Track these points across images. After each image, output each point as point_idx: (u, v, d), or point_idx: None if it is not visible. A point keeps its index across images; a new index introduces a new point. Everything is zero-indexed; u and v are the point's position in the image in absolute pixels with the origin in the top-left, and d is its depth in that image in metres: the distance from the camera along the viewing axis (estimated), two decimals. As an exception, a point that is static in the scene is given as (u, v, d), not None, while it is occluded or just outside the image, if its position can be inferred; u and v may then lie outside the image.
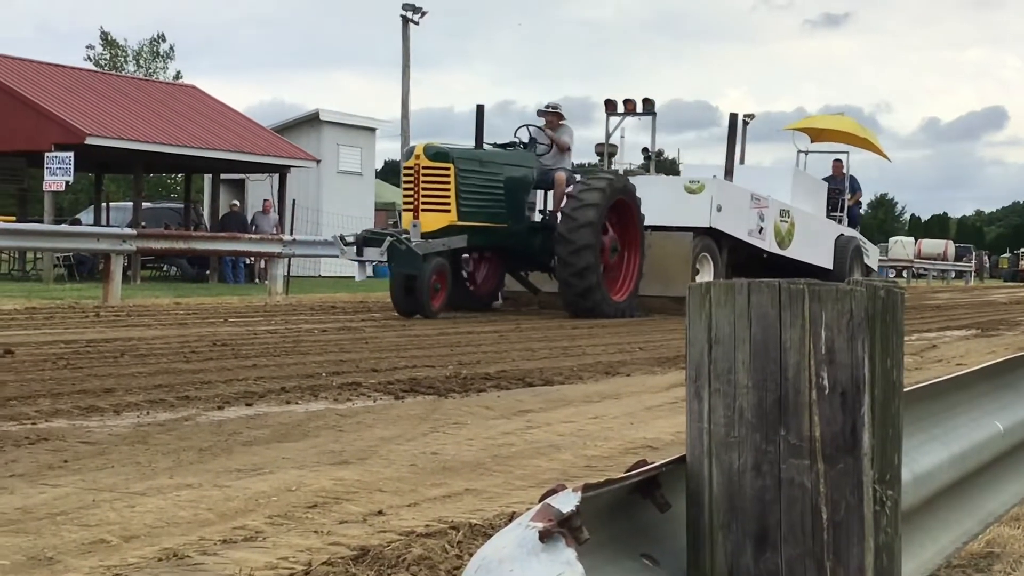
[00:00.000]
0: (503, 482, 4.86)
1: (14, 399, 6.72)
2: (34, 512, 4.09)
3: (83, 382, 7.60)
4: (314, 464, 5.10)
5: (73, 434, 5.68)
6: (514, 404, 7.32)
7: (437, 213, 16.13)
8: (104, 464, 4.98)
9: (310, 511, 4.20)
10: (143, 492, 4.45)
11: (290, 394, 7.32)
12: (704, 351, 1.89)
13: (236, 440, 5.68)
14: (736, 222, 19.64)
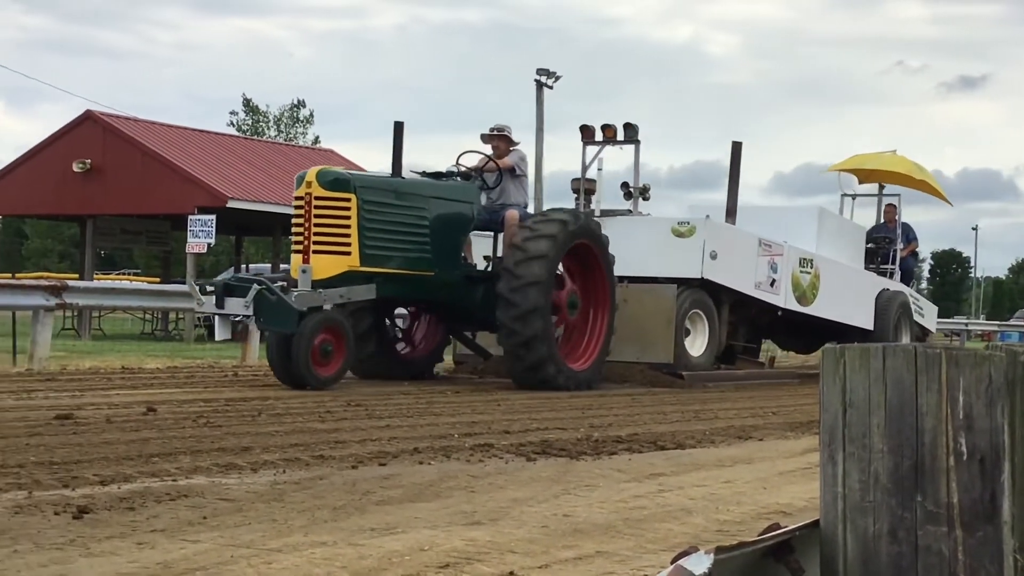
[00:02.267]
0: (634, 545, 4.82)
1: (156, 456, 6.86)
2: (174, 567, 4.15)
3: (222, 440, 7.72)
4: (446, 524, 5.11)
5: (212, 491, 5.76)
6: (646, 467, 7.27)
7: (333, 256, 12.29)
8: (241, 521, 5.05)
9: (442, 571, 4.21)
10: (279, 549, 4.49)
11: (423, 454, 7.36)
12: (838, 415, 1.87)
13: (369, 499, 5.72)
14: (738, 272, 15.96)
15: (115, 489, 5.69)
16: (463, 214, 13.63)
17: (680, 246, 15.23)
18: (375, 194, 12.74)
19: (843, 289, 17.88)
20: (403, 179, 13.44)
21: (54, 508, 5.13)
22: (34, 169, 37.40)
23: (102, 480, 5.94)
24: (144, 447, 7.23)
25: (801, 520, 1.90)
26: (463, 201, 13.68)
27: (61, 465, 6.36)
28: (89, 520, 4.92)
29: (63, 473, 6.09)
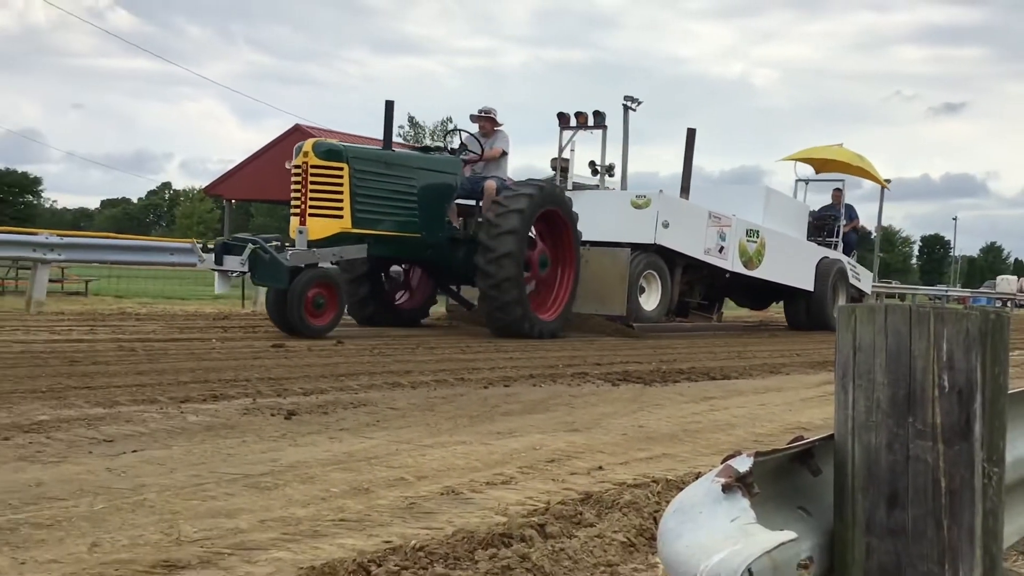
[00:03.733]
0: (691, 449, 4.80)
1: (343, 375, 6.97)
2: (355, 456, 4.22)
3: (390, 365, 7.82)
4: (552, 431, 5.13)
5: (383, 401, 5.84)
6: (700, 392, 7.22)
7: (327, 219, 10.72)
8: (404, 424, 5.11)
9: (549, 465, 4.23)
10: (430, 445, 4.55)
11: (536, 379, 7.38)
12: (850, 356, 1.84)
13: (496, 411, 5.76)
14: (689, 240, 14.35)
15: (314, 399, 5.80)
16: (447, 184, 11.92)
17: (637, 216, 13.77)
18: (366, 164, 11.05)
19: (786, 256, 16.30)
20: (392, 151, 11.63)
21: (271, 411, 5.24)
22: (258, 167, 38.69)
23: (305, 392, 6.05)
24: (335, 369, 7.35)
25: (819, 434, 1.88)
26: (447, 172, 11.97)
27: (276, 380, 6.49)
28: (295, 420, 5.02)
29: (277, 386, 6.22)
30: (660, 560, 1.77)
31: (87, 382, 5.92)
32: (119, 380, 6.09)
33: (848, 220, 18.68)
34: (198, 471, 3.76)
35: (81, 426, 4.53)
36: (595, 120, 14.81)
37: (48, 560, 2.63)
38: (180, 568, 2.62)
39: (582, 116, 14.89)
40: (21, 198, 76.15)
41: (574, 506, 3.44)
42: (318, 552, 2.81)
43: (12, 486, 3.39)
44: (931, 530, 1.75)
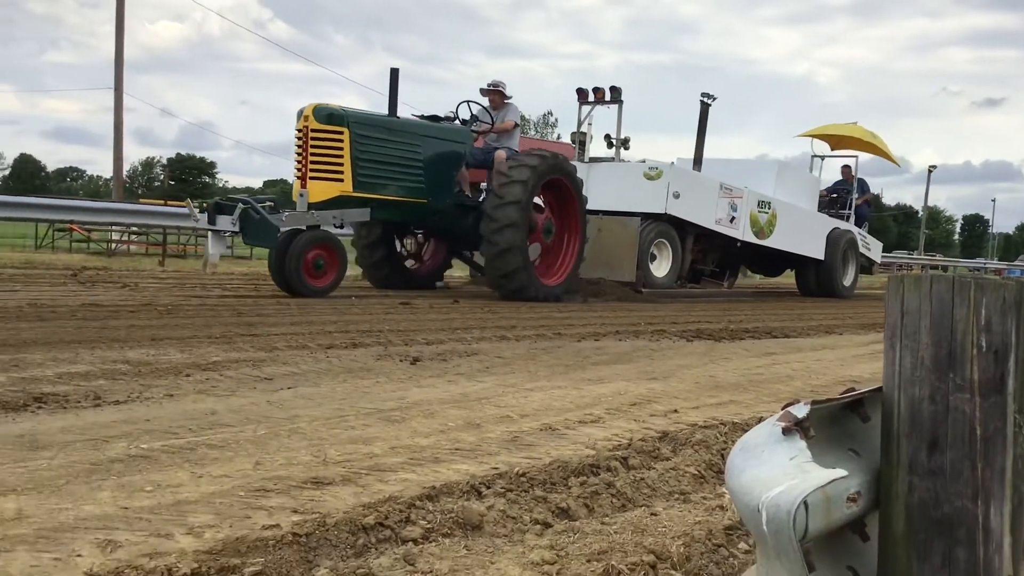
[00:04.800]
0: (755, 397, 4.73)
1: (459, 329, 7.03)
2: (468, 396, 4.26)
3: (497, 320, 7.86)
4: (635, 379, 5.11)
5: (491, 351, 5.88)
6: (763, 348, 7.10)
7: (327, 182, 9.47)
8: (509, 371, 5.14)
9: (632, 407, 4.21)
10: (531, 389, 4.57)
11: (621, 335, 7.34)
12: (898, 319, 1.79)
13: (588, 361, 5.75)
14: (700, 210, 13.02)
15: (435, 348, 5.86)
16: (455, 152, 10.59)
17: (649, 187, 12.51)
18: (367, 128, 9.71)
19: (797, 226, 14.81)
20: (397, 118, 10.22)
21: (399, 357, 5.32)
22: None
23: (427, 342, 6.13)
24: (451, 323, 7.41)
25: (869, 386, 1.83)
26: (455, 141, 10.62)
27: (403, 332, 6.58)
28: (419, 366, 5.09)
29: (405, 337, 6.31)
30: (727, 491, 1.76)
31: (251, 331, 6.09)
32: (277, 330, 6.25)
33: (860, 193, 17.09)
34: (340, 405, 3.85)
35: (247, 366, 4.67)
36: (612, 95, 13.30)
37: (220, 475, 2.72)
38: (326, 484, 2.69)
39: (599, 92, 13.35)
40: (200, 179, 78.87)
41: (653, 443, 3.42)
42: (438, 475, 2.85)
43: (192, 414, 3.51)
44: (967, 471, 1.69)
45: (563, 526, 2.51)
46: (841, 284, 15.76)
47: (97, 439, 3.04)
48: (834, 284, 15.55)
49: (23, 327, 5.52)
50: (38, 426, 3.18)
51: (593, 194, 11.92)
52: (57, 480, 2.57)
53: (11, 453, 2.81)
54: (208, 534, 2.21)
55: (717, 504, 2.77)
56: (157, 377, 4.22)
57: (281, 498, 2.53)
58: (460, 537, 2.36)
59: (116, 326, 5.87)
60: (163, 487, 2.56)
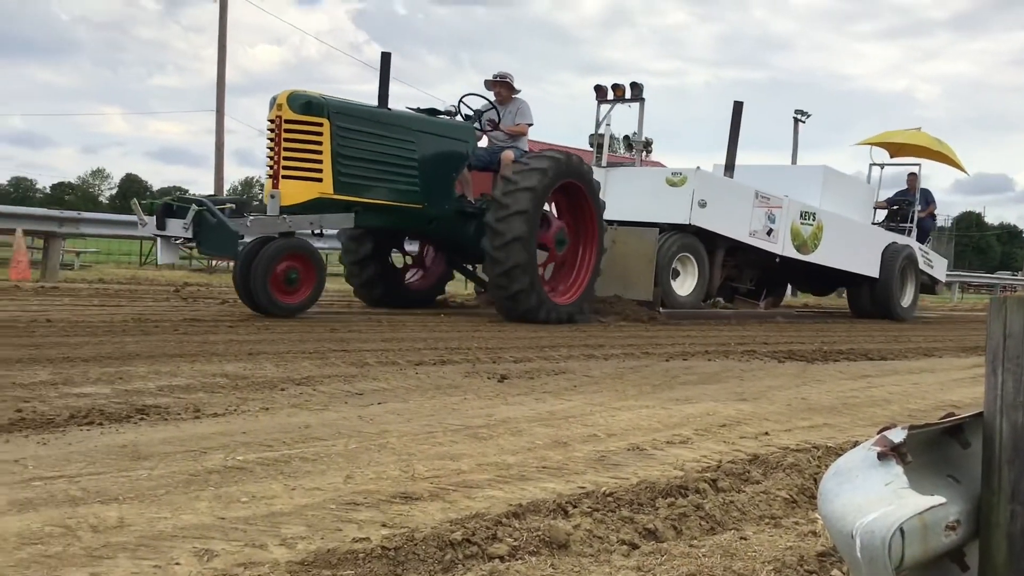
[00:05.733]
0: (849, 421, 4.60)
1: (547, 347, 7.03)
2: (556, 414, 4.25)
3: (586, 340, 7.83)
4: (724, 399, 5.03)
5: (579, 370, 5.86)
6: (859, 370, 6.91)
7: (303, 182, 8.01)
8: (596, 389, 5.11)
9: (721, 429, 4.15)
10: (619, 408, 4.53)
11: (710, 354, 7.24)
12: (1000, 342, 1.72)
13: (676, 380, 5.68)
14: (731, 221, 11.44)
15: (522, 366, 5.87)
16: (456, 151, 9.22)
17: (671, 194, 11.05)
18: (350, 121, 8.30)
19: (846, 240, 13.12)
20: (388, 110, 8.83)
21: (487, 375, 5.35)
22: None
23: (515, 360, 6.14)
24: (539, 342, 7.42)
25: (969, 411, 1.77)
26: (456, 139, 9.24)
27: (491, 350, 6.61)
28: (507, 383, 5.10)
29: (492, 354, 6.33)
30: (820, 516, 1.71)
31: (344, 346, 6.21)
32: (368, 346, 6.35)
33: (924, 205, 15.41)
34: (429, 421, 3.89)
35: (339, 381, 4.76)
36: (632, 92, 11.85)
37: (312, 487, 2.77)
38: (414, 499, 2.72)
39: (619, 89, 11.92)
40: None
41: (743, 465, 3.36)
42: (524, 492, 2.85)
43: (286, 427, 3.60)
44: (1075, 502, 1.62)
45: (650, 548, 2.48)
46: (898, 305, 14.26)
47: (196, 450, 3.13)
48: (890, 305, 14.04)
49: (128, 340, 5.73)
50: (140, 437, 3.29)
51: (610, 202, 10.74)
52: (157, 490, 2.65)
53: (114, 463, 2.92)
54: (300, 545, 2.25)
55: (809, 530, 2.70)
56: (253, 391, 4.33)
57: (371, 512, 2.57)
58: (546, 556, 2.35)
59: (215, 341, 6.05)
60: (258, 498, 2.62)
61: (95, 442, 3.16)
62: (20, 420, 3.38)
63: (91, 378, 4.33)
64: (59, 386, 4.09)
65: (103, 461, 2.91)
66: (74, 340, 5.57)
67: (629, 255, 10.59)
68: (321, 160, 8.08)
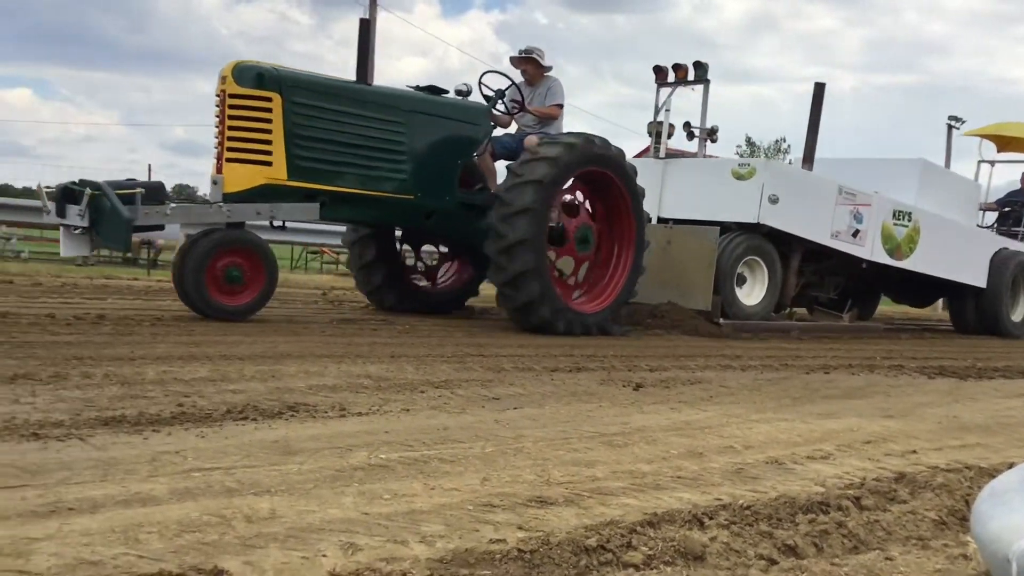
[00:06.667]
0: (1004, 440, 4.35)
1: (682, 356, 6.93)
2: (691, 424, 4.19)
3: (721, 350, 7.69)
4: (869, 415, 4.84)
5: (716, 381, 5.76)
6: (1016, 389, 6.52)
7: (249, 165, 6.90)
8: (733, 401, 5.01)
9: (865, 445, 3.99)
10: (756, 420, 4.43)
11: (854, 368, 6.98)
12: None
13: (817, 394, 5.51)
14: (808, 220, 9.93)
15: (658, 375, 5.81)
16: (463, 136, 7.93)
17: (737, 189, 9.61)
18: (310, 96, 7.11)
19: (947, 244, 11.42)
20: (365, 86, 7.64)
21: (622, 383, 5.32)
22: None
23: (650, 368, 6.09)
24: (675, 351, 7.32)
25: None
26: (463, 121, 7.93)
27: (626, 358, 6.57)
28: (642, 392, 5.06)
29: (628, 362, 6.30)
30: (972, 539, 1.63)
31: (481, 351, 6.29)
32: (505, 351, 6.42)
33: None
34: (564, 427, 3.90)
35: (476, 386, 4.83)
36: (696, 73, 10.37)
37: (450, 488, 2.83)
38: (549, 504, 2.73)
39: (681, 70, 10.42)
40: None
41: (888, 483, 3.23)
42: (659, 502, 2.82)
43: (426, 429, 3.68)
44: None
45: (789, 564, 2.41)
46: (1008, 319, 12.56)
47: (341, 447, 3.24)
48: (999, 319, 12.39)
49: (279, 341, 5.98)
50: (290, 433, 3.43)
51: (669, 198, 9.86)
52: (306, 484, 2.76)
53: (267, 457, 3.05)
54: (439, 544, 2.30)
55: (960, 552, 2.57)
56: (395, 392, 4.45)
57: (507, 514, 2.60)
58: (681, 567, 2.33)
59: (359, 343, 6.24)
60: (399, 496, 2.69)
61: (249, 436, 3.32)
62: (181, 414, 3.58)
63: (246, 376, 4.54)
64: (217, 382, 4.30)
65: (256, 455, 3.05)
66: (231, 339, 5.85)
67: (686, 258, 9.39)
68: (271, 141, 6.92)
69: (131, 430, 3.25)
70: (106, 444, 3.03)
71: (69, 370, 4.25)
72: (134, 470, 2.76)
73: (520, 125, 8.55)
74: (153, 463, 2.85)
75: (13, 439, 2.99)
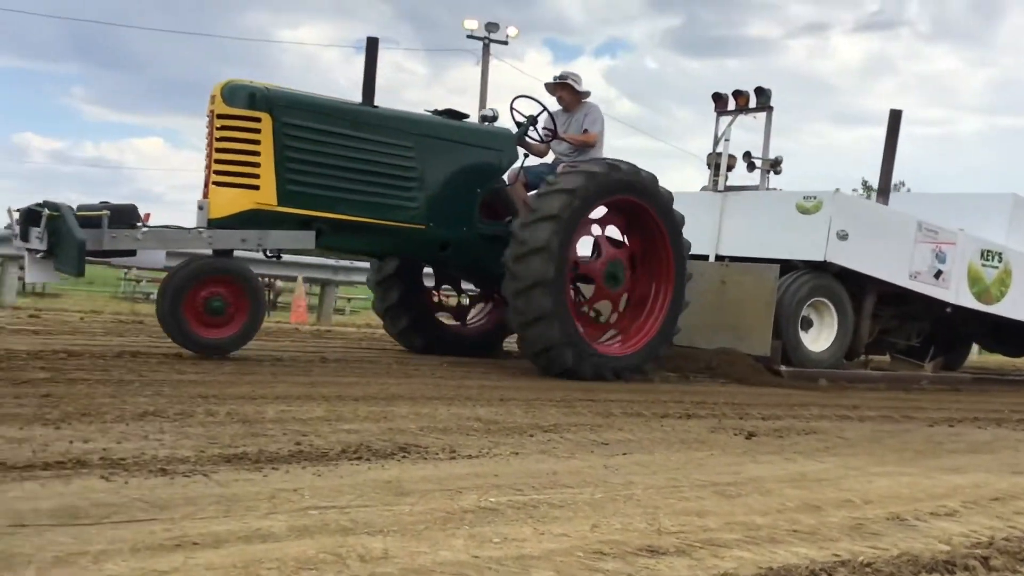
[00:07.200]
0: None
1: (796, 405, 6.73)
2: (807, 476, 4.07)
3: (836, 399, 7.44)
4: (997, 471, 4.60)
5: (833, 431, 5.58)
6: None
7: (236, 189, 6.42)
8: (852, 452, 4.84)
9: (993, 502, 3.79)
10: (877, 474, 4.27)
11: (980, 422, 6.65)
12: None
13: (941, 448, 5.28)
14: (883, 258, 8.98)
15: (771, 423, 5.67)
16: (484, 163, 7.36)
17: (802, 223, 8.73)
18: (303, 117, 6.59)
19: None
20: (369, 107, 6.94)
21: (734, 431, 5.21)
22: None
23: (763, 417, 5.94)
24: (788, 399, 7.12)
25: None
26: (482, 147, 7.36)
27: (737, 405, 6.42)
28: (754, 441, 4.94)
29: (739, 410, 6.16)
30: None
31: (589, 396, 6.26)
32: (613, 396, 6.36)
33: None
34: (675, 475, 3.84)
35: (585, 430, 4.81)
36: (758, 100, 9.59)
37: (559, 533, 2.82)
38: (660, 554, 2.69)
39: (742, 97, 9.64)
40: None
41: (1018, 543, 3.06)
42: (774, 556, 2.75)
43: (534, 472, 3.67)
44: None
45: (913, 626, 2.31)
46: None
47: (452, 489, 3.27)
48: None
49: (391, 382, 6.09)
50: (402, 474, 3.48)
51: (728, 233, 9.13)
52: (417, 525, 2.79)
53: (380, 496, 3.10)
54: (549, 590, 2.29)
55: (1101, 622, 2.41)
56: (504, 435, 4.47)
57: (616, 563, 2.57)
58: (798, 624, 2.25)
59: (469, 385, 6.30)
60: (509, 540, 2.70)
61: (363, 476, 3.38)
62: (299, 452, 3.68)
63: (360, 416, 4.64)
64: (332, 422, 4.41)
65: (370, 494, 3.11)
66: (345, 380, 5.99)
67: (742, 298, 8.47)
68: (259, 163, 6.45)
69: (251, 467, 3.36)
70: (228, 480, 3.14)
71: (194, 408, 4.43)
72: (254, 506, 2.84)
73: (557, 154, 8.03)
74: (272, 500, 2.93)
75: (142, 474, 3.12)
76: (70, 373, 5.15)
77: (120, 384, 4.94)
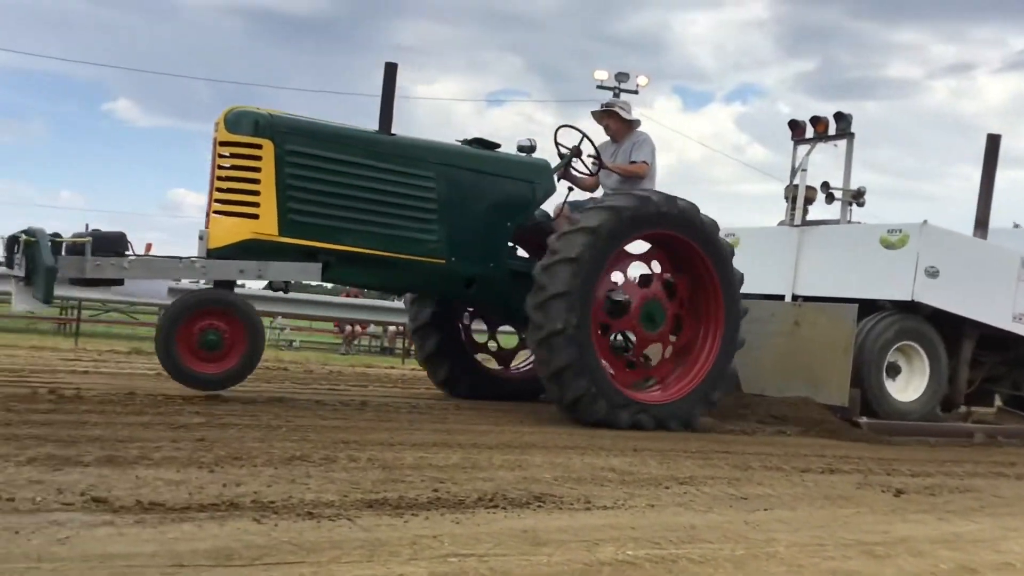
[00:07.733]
0: None
1: (947, 461, 6.39)
2: (962, 537, 3.86)
3: (990, 455, 7.02)
4: None
5: (987, 489, 5.27)
6: None
7: (235, 218, 6.13)
8: (1009, 513, 4.56)
9: None
10: (1040, 536, 4.00)
11: None
12: None
13: None
14: (982, 298, 8.09)
15: (920, 480, 5.40)
16: (515, 194, 6.88)
17: (887, 260, 7.90)
18: (308, 143, 6.24)
19: None
20: (384, 135, 6.55)
21: (881, 487, 4.99)
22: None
23: (912, 473, 5.66)
24: (938, 455, 6.76)
25: None
26: (514, 178, 6.88)
27: (884, 460, 6.13)
28: (904, 499, 4.72)
29: (886, 466, 5.87)
30: None
31: (726, 448, 6.09)
32: (751, 448, 6.18)
33: None
34: (819, 533, 3.70)
35: (722, 484, 4.69)
36: (838, 126, 8.75)
37: (700, 590, 2.75)
38: (806, 614, 2.59)
39: (821, 123, 8.83)
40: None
41: None
42: (930, 621, 2.61)
43: (672, 527, 3.61)
44: None
45: None
46: None
47: (588, 541, 3.25)
48: None
49: (524, 431, 6.12)
50: (538, 523, 3.49)
51: (805, 271, 8.39)
52: (556, 576, 2.78)
53: (517, 546, 3.11)
54: (691, 648, 2.24)
55: None
56: (639, 486, 4.41)
57: (761, 622, 2.49)
58: None
59: (602, 435, 6.25)
60: (648, 595, 2.65)
61: (499, 524, 3.40)
62: (437, 499, 3.73)
63: (495, 464, 4.67)
64: (468, 470, 4.46)
65: (507, 543, 3.12)
66: (480, 427, 6.05)
67: (817, 342, 7.70)
68: (259, 192, 6.15)
69: (392, 513, 3.43)
70: (371, 525, 3.21)
71: (337, 453, 4.56)
72: (397, 552, 2.90)
73: (605, 188, 7.47)
74: (413, 546, 2.98)
75: (291, 517, 3.23)
76: (222, 418, 5.39)
77: (268, 429, 5.14)
